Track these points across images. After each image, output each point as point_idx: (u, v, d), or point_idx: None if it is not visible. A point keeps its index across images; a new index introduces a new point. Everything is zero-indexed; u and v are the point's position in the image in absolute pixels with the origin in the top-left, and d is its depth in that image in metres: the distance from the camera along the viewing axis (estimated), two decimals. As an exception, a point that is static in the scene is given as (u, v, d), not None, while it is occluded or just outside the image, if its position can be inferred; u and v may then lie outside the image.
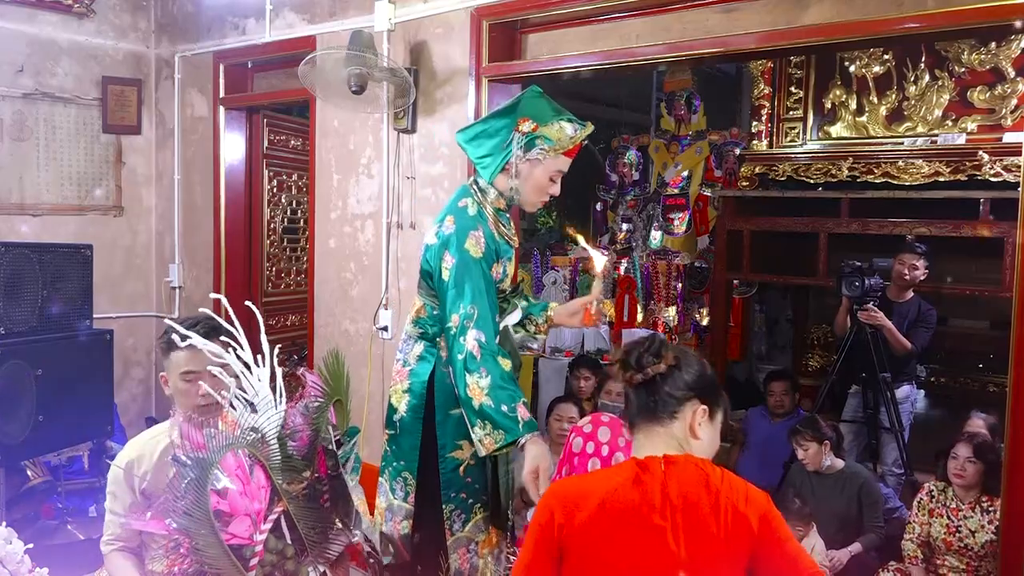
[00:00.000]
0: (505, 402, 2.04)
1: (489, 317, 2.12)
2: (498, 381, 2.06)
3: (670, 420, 1.54)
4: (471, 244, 2.15)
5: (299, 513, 1.65)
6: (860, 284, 3.92)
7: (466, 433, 2.18)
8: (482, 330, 2.09)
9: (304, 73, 3.41)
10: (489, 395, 2.05)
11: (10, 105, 4.47)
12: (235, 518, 1.57)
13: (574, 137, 2.22)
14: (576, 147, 2.25)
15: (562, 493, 1.54)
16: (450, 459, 2.24)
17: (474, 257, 2.14)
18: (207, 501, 1.53)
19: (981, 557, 3.00)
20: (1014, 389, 2.33)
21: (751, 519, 1.46)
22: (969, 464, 3.03)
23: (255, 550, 1.57)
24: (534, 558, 1.52)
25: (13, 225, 4.49)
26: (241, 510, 1.58)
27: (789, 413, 4.42)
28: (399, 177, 3.78)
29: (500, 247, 2.25)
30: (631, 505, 1.46)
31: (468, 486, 2.25)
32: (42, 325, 3.53)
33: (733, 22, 2.94)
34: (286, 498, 1.64)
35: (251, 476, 1.62)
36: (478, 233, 2.17)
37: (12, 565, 1.88)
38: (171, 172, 4.95)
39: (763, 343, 6.56)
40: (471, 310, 2.10)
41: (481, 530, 2.27)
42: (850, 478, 3.53)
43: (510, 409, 2.04)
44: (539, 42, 3.52)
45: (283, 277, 5.12)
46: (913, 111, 4.85)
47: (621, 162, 7.23)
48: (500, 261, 2.26)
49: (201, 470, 1.54)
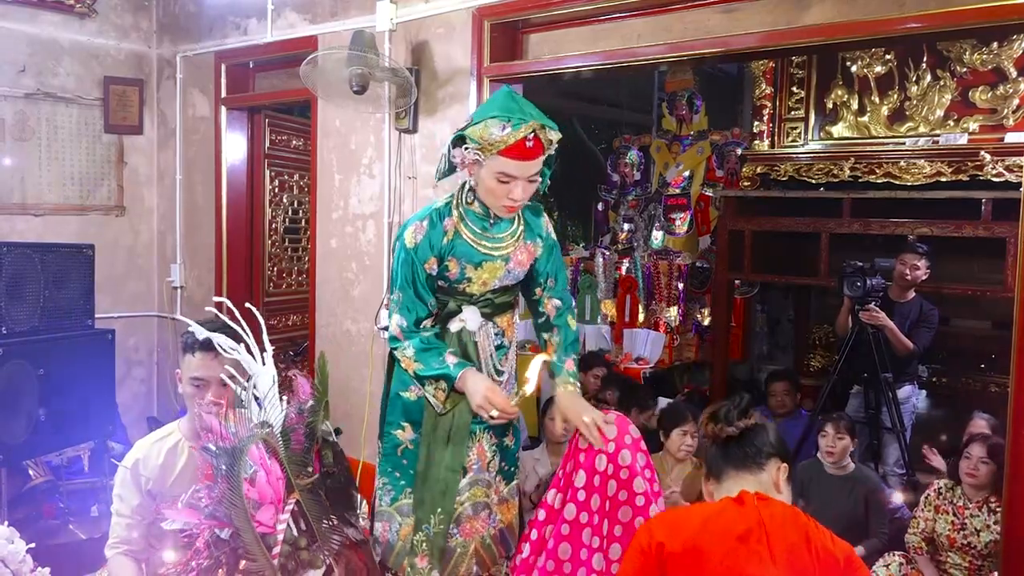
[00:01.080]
0: (432, 359, 2.21)
1: (412, 304, 2.24)
2: (420, 346, 2.22)
3: (759, 470, 1.73)
4: (408, 233, 2.24)
5: (308, 505, 1.69)
6: (862, 284, 3.92)
7: (409, 417, 2.33)
8: (403, 316, 2.24)
9: (306, 73, 3.42)
10: (418, 360, 2.21)
11: (12, 105, 4.48)
12: (263, 506, 1.62)
13: (502, 137, 2.08)
14: (519, 148, 2.08)
15: (662, 519, 1.74)
16: (392, 436, 2.36)
17: (406, 246, 2.23)
18: (241, 487, 1.58)
19: (984, 556, 3.00)
20: (1016, 389, 2.33)
21: (839, 556, 1.61)
22: (982, 464, 3.03)
23: (277, 538, 1.61)
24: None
25: (15, 225, 4.50)
26: (267, 498, 1.63)
27: (791, 413, 4.43)
28: (400, 177, 3.78)
29: (457, 245, 2.24)
30: (731, 528, 1.60)
31: (403, 467, 2.34)
32: (44, 325, 3.53)
33: (734, 22, 2.94)
34: (298, 490, 1.68)
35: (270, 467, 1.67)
36: (421, 224, 2.24)
37: (14, 564, 1.89)
38: (173, 172, 4.95)
39: (765, 343, 6.56)
40: (396, 296, 2.26)
41: (404, 514, 2.33)
42: (859, 481, 3.53)
43: (439, 363, 2.20)
44: (540, 42, 3.52)
45: (284, 277, 5.12)
46: (915, 111, 4.85)
47: (623, 162, 7.24)
48: (452, 259, 2.25)
49: (233, 459, 1.59)
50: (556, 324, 2.43)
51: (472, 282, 2.29)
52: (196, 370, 2.08)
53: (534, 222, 2.38)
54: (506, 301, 2.40)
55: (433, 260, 2.23)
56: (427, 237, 2.21)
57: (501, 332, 2.39)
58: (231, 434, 1.63)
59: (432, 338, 2.26)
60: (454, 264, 2.25)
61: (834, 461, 3.52)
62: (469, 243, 2.25)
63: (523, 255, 2.34)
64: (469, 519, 2.30)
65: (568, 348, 2.41)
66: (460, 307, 2.32)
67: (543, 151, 2.15)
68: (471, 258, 2.25)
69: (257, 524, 1.60)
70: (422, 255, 2.22)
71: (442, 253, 2.23)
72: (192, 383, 2.10)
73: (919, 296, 4.12)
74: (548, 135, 2.15)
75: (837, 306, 4.31)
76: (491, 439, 2.37)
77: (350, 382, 3.92)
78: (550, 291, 2.43)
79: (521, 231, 2.32)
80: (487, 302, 2.34)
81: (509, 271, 2.32)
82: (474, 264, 2.26)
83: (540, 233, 2.39)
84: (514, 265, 2.32)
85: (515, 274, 2.35)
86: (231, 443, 1.61)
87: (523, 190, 2.15)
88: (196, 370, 2.08)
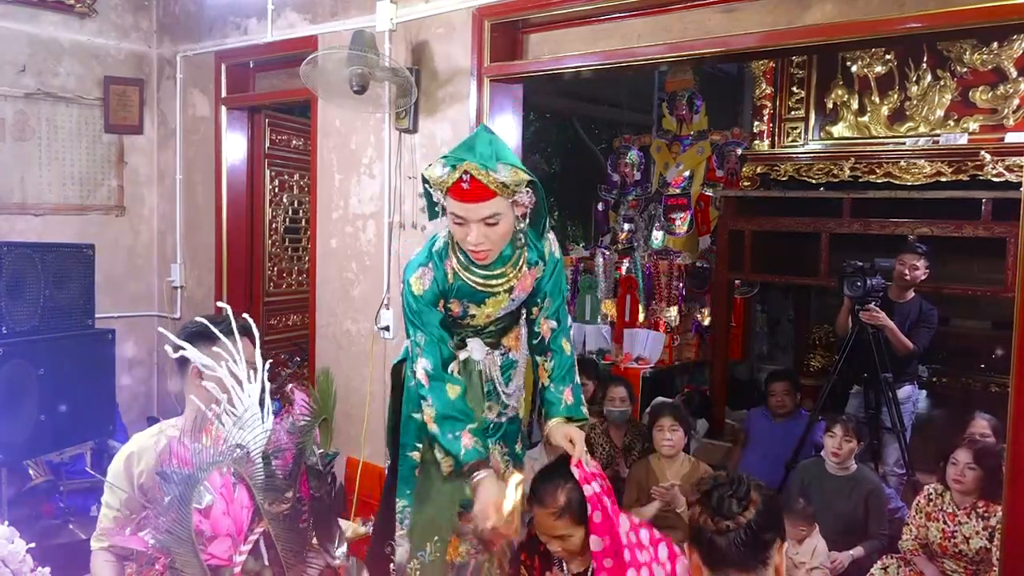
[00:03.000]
0: (449, 430, 2.14)
1: (434, 345, 2.20)
2: (442, 411, 2.15)
3: (763, 568, 1.47)
4: (415, 280, 2.21)
5: (279, 534, 1.61)
6: (862, 284, 3.92)
7: (425, 436, 2.28)
8: (427, 358, 2.19)
9: (306, 73, 3.41)
10: (436, 423, 2.16)
11: (12, 105, 4.48)
12: (216, 538, 1.53)
13: (442, 177, 2.04)
14: (457, 189, 2.02)
15: None
16: (409, 458, 2.33)
17: (415, 293, 2.20)
18: (190, 519, 1.49)
19: (977, 562, 3.00)
20: (1016, 389, 2.33)
21: None
22: (968, 470, 3.02)
23: (233, 571, 1.54)
24: None
25: (15, 225, 4.50)
26: (223, 530, 1.54)
27: (791, 413, 4.42)
28: (401, 177, 3.78)
29: (459, 287, 2.21)
30: None
31: None
32: (44, 325, 3.53)
33: (734, 22, 2.94)
34: (267, 519, 1.60)
35: (234, 495, 1.58)
36: (426, 269, 2.21)
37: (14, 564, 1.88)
38: (173, 172, 4.95)
39: (764, 343, 6.56)
40: (419, 339, 2.21)
41: None
42: (860, 482, 3.54)
43: (454, 438, 2.14)
44: (540, 42, 3.52)
45: (285, 277, 5.12)
46: (915, 111, 4.85)
47: (623, 162, 7.23)
48: (455, 300, 2.23)
49: (186, 487, 1.50)
50: (551, 348, 2.36)
51: (476, 317, 2.28)
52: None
53: (538, 247, 2.29)
54: (511, 322, 2.38)
55: (441, 302, 2.23)
56: (433, 281, 2.20)
57: (507, 351, 2.37)
58: (193, 459, 1.52)
59: (455, 401, 2.18)
60: (456, 305, 2.25)
61: (839, 462, 3.53)
62: (469, 284, 2.21)
63: (527, 281, 2.28)
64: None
65: (565, 377, 2.34)
66: (464, 340, 2.31)
67: (492, 194, 2.02)
68: (473, 297, 2.23)
69: (208, 556, 1.51)
70: (431, 300, 2.20)
71: (446, 294, 2.22)
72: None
73: (919, 296, 4.12)
74: (493, 177, 2.01)
75: (837, 306, 4.31)
76: (502, 449, 2.38)
77: (350, 382, 3.92)
78: (545, 311, 2.35)
79: (523, 260, 2.24)
80: (490, 333, 2.34)
81: (513, 300, 2.28)
82: (476, 303, 2.24)
83: (542, 255, 2.30)
84: (519, 293, 2.28)
85: (519, 299, 2.31)
86: (190, 468, 1.50)
87: (478, 233, 2.05)
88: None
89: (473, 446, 2.14)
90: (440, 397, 2.16)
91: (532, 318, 2.38)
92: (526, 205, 2.12)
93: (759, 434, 4.53)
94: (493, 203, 2.04)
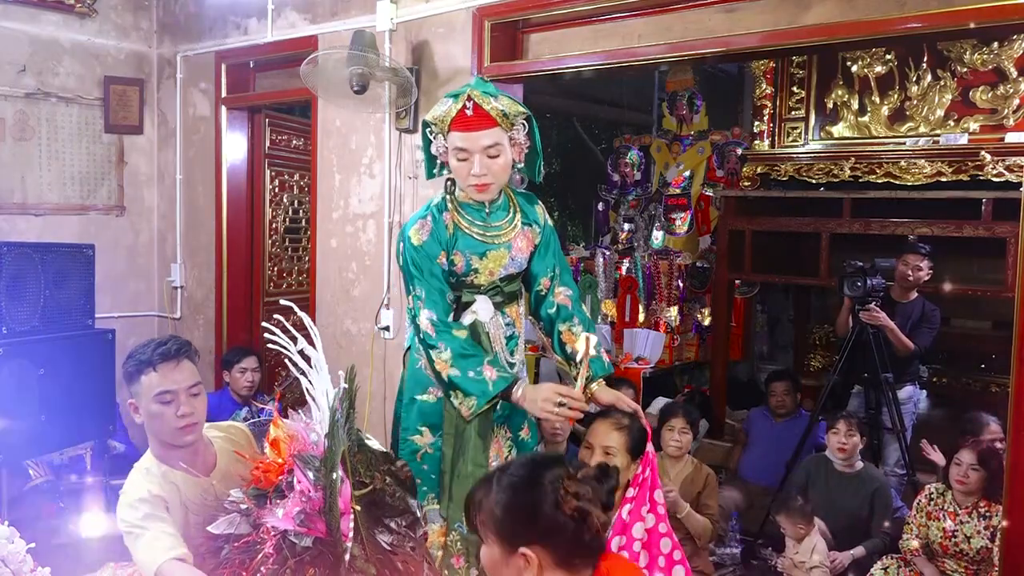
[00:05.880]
0: (471, 368, 2.14)
1: (437, 296, 2.23)
2: (458, 350, 2.16)
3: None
4: (413, 232, 2.26)
5: (360, 517, 1.69)
6: (862, 284, 3.92)
7: (428, 421, 2.31)
8: (431, 309, 2.20)
9: (306, 73, 3.41)
10: (454, 365, 2.14)
11: (12, 105, 4.48)
12: (343, 515, 1.62)
13: (445, 111, 2.17)
14: (461, 119, 2.14)
15: None
16: (410, 443, 2.34)
17: (414, 244, 2.24)
18: (337, 498, 1.59)
19: (978, 562, 3.00)
20: (1016, 389, 2.33)
21: None
22: (972, 471, 3.02)
23: (347, 546, 1.62)
24: None
25: (15, 225, 4.50)
26: (347, 507, 1.63)
27: (791, 413, 4.43)
28: (401, 177, 3.78)
29: (459, 238, 2.27)
30: None
31: (424, 473, 2.32)
32: (44, 324, 3.53)
33: (735, 22, 2.93)
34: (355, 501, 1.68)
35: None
36: (424, 222, 2.26)
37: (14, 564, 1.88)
38: (173, 172, 4.95)
39: (765, 343, 6.56)
40: (419, 291, 2.23)
41: (429, 520, 2.31)
42: (866, 481, 3.54)
43: (476, 373, 2.13)
44: (541, 42, 3.52)
45: (285, 277, 5.12)
46: (915, 111, 4.84)
47: (623, 162, 7.23)
48: (457, 252, 2.27)
49: (329, 468, 1.58)
50: (575, 312, 2.41)
51: (479, 273, 2.31)
52: (160, 384, 1.97)
53: (529, 210, 2.41)
54: (514, 290, 2.41)
55: (442, 254, 2.26)
56: (432, 233, 2.25)
57: (512, 322, 2.40)
58: (312, 443, 1.62)
59: (470, 341, 2.22)
60: (459, 257, 2.28)
61: (844, 458, 3.53)
62: (470, 235, 2.28)
63: (522, 242, 2.36)
64: None
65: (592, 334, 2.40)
66: (473, 297, 2.33)
67: (493, 122, 2.16)
68: (475, 249, 2.28)
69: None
70: (431, 251, 2.24)
71: (448, 247, 2.26)
72: (158, 400, 1.97)
73: (921, 296, 4.12)
74: (494, 104, 2.15)
75: (837, 306, 4.31)
76: (506, 433, 2.38)
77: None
78: (558, 280, 2.42)
79: (518, 218, 2.36)
80: (496, 290, 2.36)
81: (512, 258, 2.34)
82: (479, 255, 2.29)
83: (536, 220, 2.40)
84: (516, 252, 2.34)
85: (518, 261, 2.37)
86: (316, 451, 1.59)
87: (481, 164, 2.17)
88: (160, 384, 1.97)
89: (499, 375, 2.16)
90: (451, 340, 2.18)
91: (543, 292, 2.42)
92: (522, 144, 2.25)
93: (759, 434, 4.53)
94: (494, 132, 2.16)
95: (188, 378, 2.01)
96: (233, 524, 1.70)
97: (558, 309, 2.40)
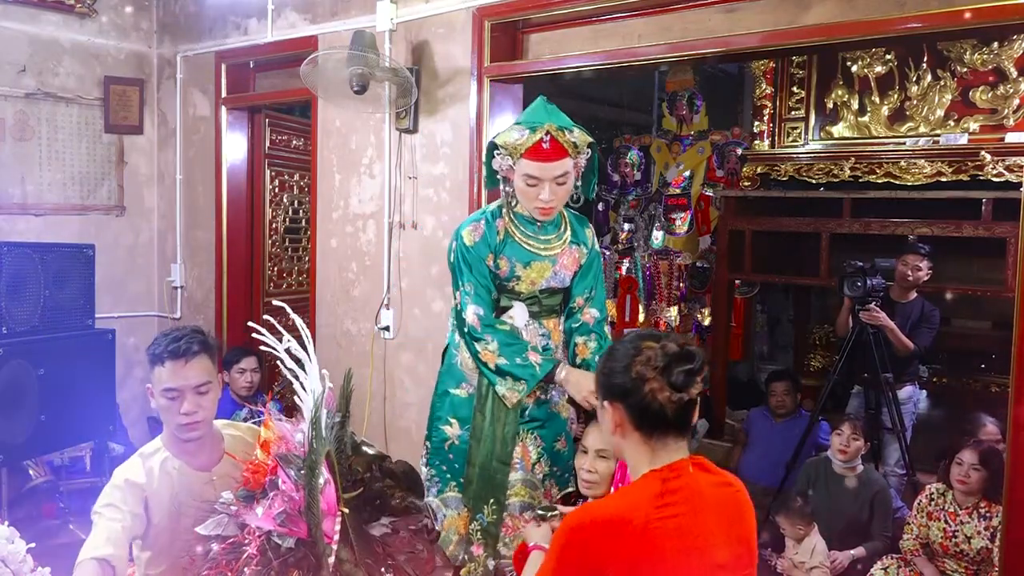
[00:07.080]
0: (517, 354, 2.32)
1: (484, 293, 2.37)
2: (504, 340, 2.34)
3: (689, 431, 1.59)
4: (466, 233, 2.40)
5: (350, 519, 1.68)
6: (862, 284, 3.92)
7: (457, 414, 2.44)
8: (479, 305, 2.36)
9: (306, 73, 3.41)
10: (501, 354, 2.32)
11: (12, 105, 4.48)
12: (327, 516, 1.61)
13: (521, 140, 2.28)
14: (537, 150, 2.26)
15: (592, 521, 1.44)
16: (440, 431, 2.47)
17: (466, 244, 2.38)
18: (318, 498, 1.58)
19: (979, 562, 3.00)
20: (1016, 389, 2.33)
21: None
22: (973, 471, 3.02)
23: (332, 549, 1.61)
24: None
25: (15, 225, 4.49)
26: (333, 509, 1.63)
27: (791, 413, 4.43)
28: (401, 177, 3.78)
29: (508, 245, 2.39)
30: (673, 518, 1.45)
31: (449, 462, 2.45)
32: (44, 325, 3.53)
33: (735, 22, 2.94)
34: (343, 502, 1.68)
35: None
36: (478, 224, 2.40)
37: (14, 564, 1.88)
38: (173, 172, 4.95)
39: (765, 343, 6.56)
40: (468, 287, 2.38)
41: (449, 506, 2.43)
42: (867, 483, 3.55)
43: (523, 359, 2.32)
44: (541, 42, 3.52)
45: (285, 277, 5.12)
46: (915, 111, 4.84)
47: (623, 162, 7.22)
48: (504, 257, 2.39)
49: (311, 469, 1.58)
50: (595, 331, 2.53)
51: (521, 280, 2.42)
52: (167, 381, 1.99)
53: (579, 230, 2.52)
54: (553, 304, 2.51)
55: (490, 256, 2.37)
56: (484, 236, 2.37)
57: (548, 333, 2.48)
58: (297, 444, 1.63)
59: (513, 334, 2.37)
60: (505, 262, 2.39)
61: (845, 460, 3.53)
62: (519, 243, 2.40)
63: (568, 259, 2.47)
64: (512, 516, 2.39)
65: None
66: (511, 303, 2.44)
67: (565, 153, 2.29)
68: (521, 257, 2.40)
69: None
70: (481, 252, 2.37)
71: (496, 251, 2.38)
72: (165, 395, 2.00)
73: (921, 296, 4.12)
74: (568, 137, 2.29)
75: (837, 306, 4.31)
76: (536, 441, 2.45)
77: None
78: (591, 301, 2.53)
79: (568, 236, 2.47)
80: (534, 300, 2.46)
81: (555, 273, 2.45)
82: (523, 263, 2.40)
83: (584, 241, 2.52)
84: (560, 268, 2.45)
85: (561, 277, 2.47)
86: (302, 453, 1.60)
87: (550, 192, 2.29)
88: (167, 381, 1.99)
89: (543, 359, 2.36)
90: (496, 332, 2.34)
91: (575, 310, 2.54)
92: (582, 167, 2.39)
93: (759, 434, 4.53)
94: (565, 162, 2.31)
95: (197, 376, 2.01)
96: (221, 525, 1.69)
97: (582, 324, 2.53)
